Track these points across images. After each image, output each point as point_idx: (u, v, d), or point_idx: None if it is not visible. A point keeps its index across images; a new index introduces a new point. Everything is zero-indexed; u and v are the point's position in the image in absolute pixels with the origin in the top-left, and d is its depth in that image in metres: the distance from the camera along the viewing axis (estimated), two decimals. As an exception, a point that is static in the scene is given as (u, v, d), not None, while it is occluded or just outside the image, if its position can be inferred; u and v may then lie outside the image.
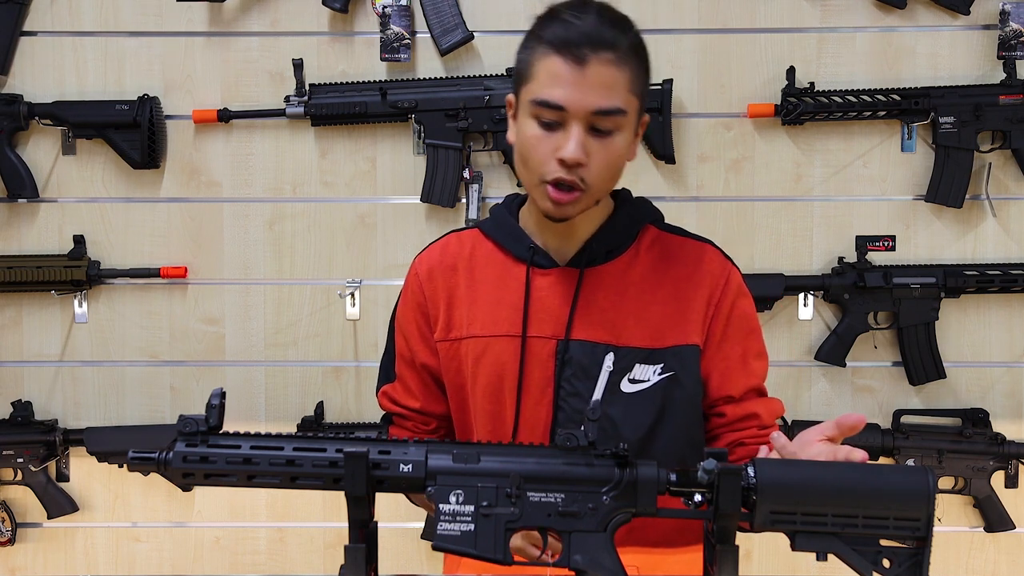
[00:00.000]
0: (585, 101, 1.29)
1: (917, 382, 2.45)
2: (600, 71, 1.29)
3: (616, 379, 1.39)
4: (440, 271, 1.48)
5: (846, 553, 1.08)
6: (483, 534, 1.09)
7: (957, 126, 2.39)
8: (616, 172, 1.37)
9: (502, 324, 1.42)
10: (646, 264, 1.44)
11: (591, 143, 1.31)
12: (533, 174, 1.35)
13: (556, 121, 1.31)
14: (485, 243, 1.48)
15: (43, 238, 2.52)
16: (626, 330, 1.40)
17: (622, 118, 1.32)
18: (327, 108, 2.42)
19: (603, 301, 1.41)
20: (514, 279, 1.43)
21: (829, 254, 2.48)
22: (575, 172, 1.31)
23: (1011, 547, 2.51)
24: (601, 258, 1.43)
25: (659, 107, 2.39)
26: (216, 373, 2.53)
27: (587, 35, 1.29)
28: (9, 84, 2.50)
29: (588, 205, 1.37)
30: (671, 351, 1.40)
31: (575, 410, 1.39)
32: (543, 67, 1.32)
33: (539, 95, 1.32)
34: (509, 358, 1.41)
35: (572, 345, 1.39)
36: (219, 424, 1.13)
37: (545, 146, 1.32)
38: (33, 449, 2.47)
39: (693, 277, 1.44)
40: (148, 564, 2.58)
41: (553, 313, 1.41)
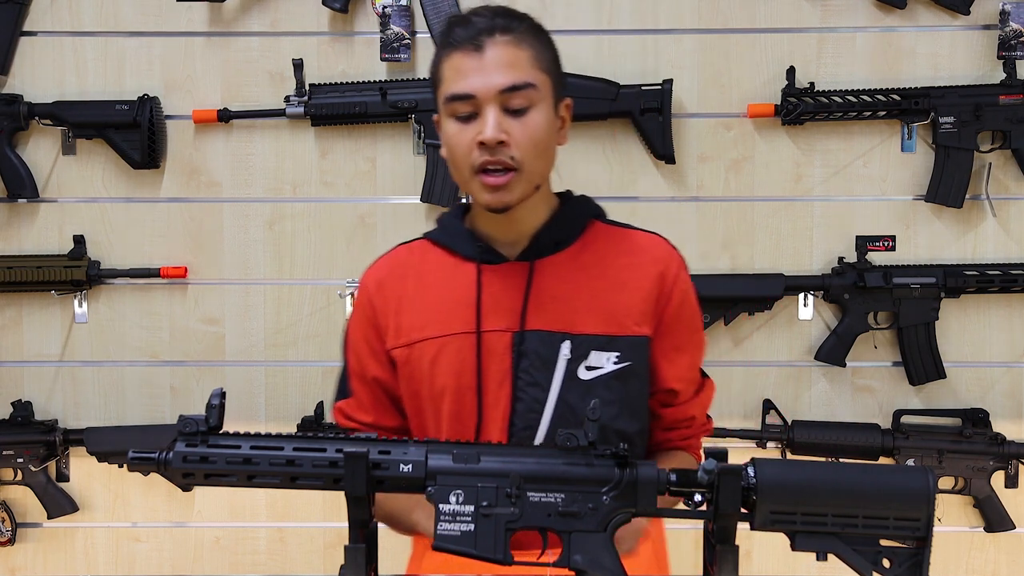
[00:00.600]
0: (490, 82, 1.33)
1: (917, 382, 2.45)
2: (499, 52, 1.34)
3: (573, 367, 1.40)
4: (389, 281, 1.49)
5: (846, 553, 1.08)
6: (483, 534, 1.09)
7: (957, 126, 2.39)
8: (544, 150, 1.39)
9: (456, 323, 1.42)
10: (595, 254, 1.46)
11: (508, 122, 1.34)
12: (463, 169, 1.38)
13: (471, 112, 1.35)
14: (434, 250, 1.49)
15: (43, 238, 2.52)
16: (580, 317, 1.41)
17: (533, 92, 1.35)
18: (327, 108, 2.42)
19: (555, 290, 1.42)
20: (465, 277, 1.44)
21: (829, 254, 2.48)
22: (500, 152, 1.34)
23: (1011, 547, 2.51)
24: (550, 250, 1.44)
25: (659, 107, 2.39)
26: (216, 373, 2.53)
27: (481, 26, 1.35)
28: (9, 84, 2.50)
29: (526, 190, 1.38)
30: (626, 341, 1.42)
31: (534, 400, 1.40)
32: (448, 67, 1.37)
33: (448, 91, 1.36)
34: (466, 355, 1.41)
35: (528, 336, 1.40)
36: (219, 424, 1.13)
37: (465, 137, 1.36)
38: (33, 449, 2.47)
39: (642, 266, 1.46)
40: (148, 564, 2.58)
41: (506, 306, 1.41)
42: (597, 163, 2.47)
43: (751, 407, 2.49)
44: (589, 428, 1.11)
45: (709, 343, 2.48)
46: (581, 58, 2.45)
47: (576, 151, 2.47)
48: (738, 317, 2.44)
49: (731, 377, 2.50)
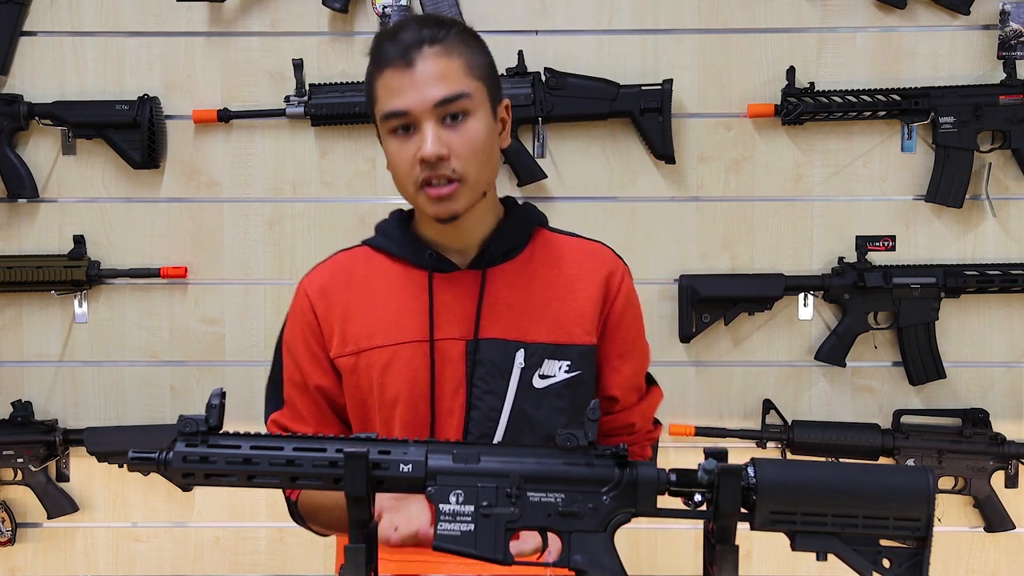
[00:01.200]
0: (423, 97, 1.33)
1: (917, 382, 2.45)
2: (428, 65, 1.34)
3: (528, 375, 1.41)
4: (332, 288, 1.47)
5: (846, 553, 1.08)
6: (483, 534, 1.09)
7: (957, 126, 2.39)
8: (486, 156, 1.38)
9: (408, 331, 1.41)
10: (543, 262, 1.46)
11: (447, 135, 1.34)
12: (406, 185, 1.38)
13: (407, 126, 1.35)
14: (377, 257, 1.48)
15: (43, 238, 2.52)
16: (532, 326, 1.42)
17: (467, 101, 1.35)
18: (327, 108, 2.42)
19: (508, 299, 1.42)
20: (415, 285, 1.43)
21: (829, 254, 2.48)
22: (441, 167, 1.34)
23: (1011, 547, 2.51)
24: (500, 259, 1.44)
25: (659, 107, 2.39)
26: (216, 373, 2.53)
27: (410, 41, 1.35)
28: (9, 84, 2.50)
29: (472, 197, 1.38)
30: (576, 350, 1.43)
31: (491, 408, 1.40)
32: (381, 85, 1.38)
33: (383, 110, 1.37)
34: (419, 364, 1.41)
35: (482, 344, 1.40)
36: (219, 424, 1.13)
37: (406, 154, 1.35)
38: (33, 449, 2.47)
39: (588, 275, 1.47)
40: (148, 564, 2.58)
41: (459, 315, 1.41)
42: (597, 163, 2.47)
43: (751, 407, 2.49)
44: (589, 428, 1.11)
45: (709, 343, 2.49)
46: (581, 58, 2.45)
47: (576, 151, 2.47)
48: (738, 317, 2.44)
49: (731, 377, 2.50)
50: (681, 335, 2.44)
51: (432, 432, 1.40)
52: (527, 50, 2.42)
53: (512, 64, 2.40)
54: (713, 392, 2.50)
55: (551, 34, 2.46)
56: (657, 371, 1.54)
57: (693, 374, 2.50)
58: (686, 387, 2.50)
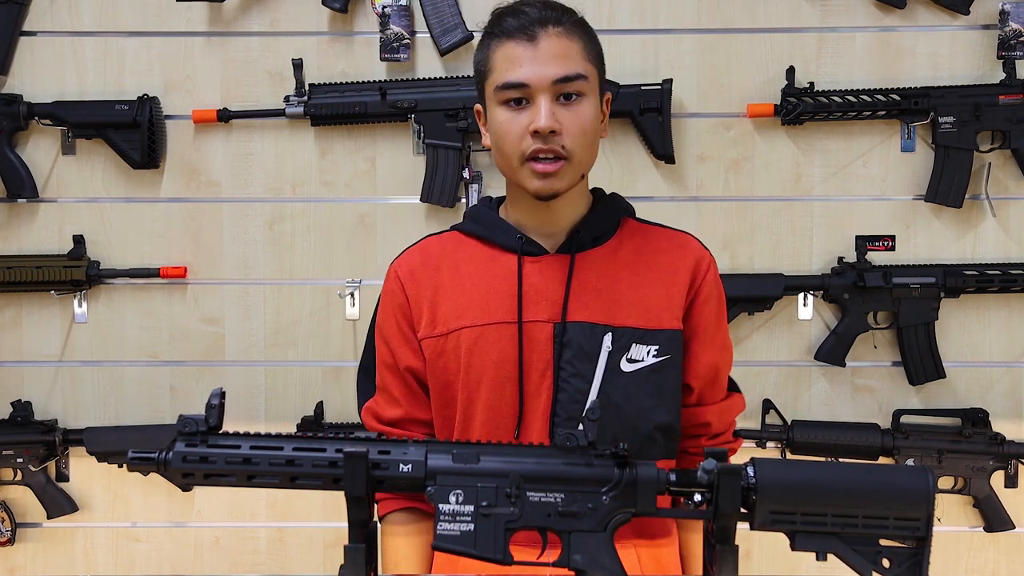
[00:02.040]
0: (544, 73, 1.35)
1: (917, 382, 2.45)
2: (552, 43, 1.36)
3: (615, 359, 1.41)
4: (422, 270, 1.48)
5: (846, 553, 1.08)
6: (483, 534, 1.09)
7: (957, 126, 2.39)
8: (591, 140, 1.41)
9: (496, 312, 1.42)
10: (632, 250, 1.48)
11: (560, 112, 1.36)
12: (512, 157, 1.38)
13: (523, 99, 1.37)
14: (467, 241, 1.49)
15: (43, 238, 2.52)
16: (621, 310, 1.42)
17: (584, 83, 1.38)
18: (327, 108, 2.42)
19: (596, 283, 1.43)
20: (504, 268, 1.44)
21: (829, 254, 2.48)
22: (552, 140, 1.36)
23: (1011, 547, 2.51)
24: (588, 244, 1.46)
25: (659, 107, 2.39)
26: (216, 373, 2.53)
27: (533, 17, 1.37)
28: (9, 84, 2.50)
29: (574, 179, 1.40)
30: (665, 334, 1.44)
31: (578, 391, 1.40)
32: (500, 56, 1.38)
33: (501, 80, 1.37)
34: (506, 344, 1.41)
35: (570, 327, 1.41)
36: (219, 424, 1.13)
37: (517, 126, 1.37)
38: (33, 449, 2.47)
39: (676, 263, 1.48)
40: (148, 564, 2.58)
41: (548, 297, 1.42)
42: (597, 163, 2.45)
43: (751, 407, 2.49)
44: (589, 428, 1.11)
45: (709, 343, 2.48)
46: (581, 58, 2.45)
47: (576, 151, 2.47)
48: (738, 317, 2.44)
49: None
50: (681, 335, 2.44)
51: (520, 414, 1.41)
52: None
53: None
54: (713, 392, 2.50)
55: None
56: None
57: (693, 374, 2.50)
58: (686, 387, 2.50)
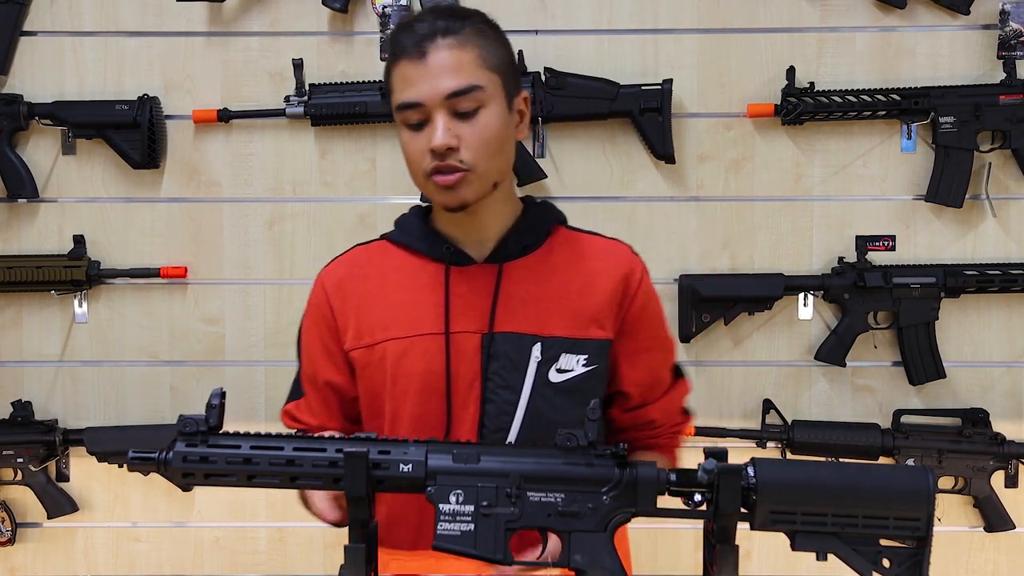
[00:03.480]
0: (435, 89, 1.33)
1: (917, 382, 2.45)
2: (441, 56, 1.34)
3: (544, 369, 1.41)
4: (349, 281, 1.48)
5: (846, 553, 1.08)
6: (483, 534, 1.09)
7: (957, 126, 2.39)
8: (495, 150, 1.38)
9: (423, 323, 1.42)
10: (561, 258, 1.46)
11: (458, 126, 1.34)
12: (417, 175, 1.38)
13: (422, 119, 1.35)
14: (395, 251, 1.48)
15: (43, 238, 2.52)
16: (550, 320, 1.42)
17: (480, 93, 1.35)
18: (327, 108, 2.42)
19: (524, 293, 1.42)
20: (431, 279, 1.44)
21: (829, 254, 2.48)
22: (450, 156, 1.34)
23: (1011, 547, 2.51)
24: (517, 253, 1.45)
25: (659, 107, 2.39)
26: (216, 373, 2.53)
27: (424, 32, 1.35)
28: (9, 84, 2.50)
29: (482, 187, 1.38)
30: (594, 344, 1.43)
31: (506, 402, 1.40)
32: (396, 76, 1.37)
33: (398, 101, 1.37)
34: (433, 356, 1.41)
35: (498, 338, 1.40)
36: (219, 424, 1.13)
37: (418, 145, 1.36)
38: (33, 449, 2.47)
39: (606, 270, 1.46)
40: (148, 564, 2.58)
41: (475, 308, 1.41)
42: (597, 163, 2.47)
43: (751, 407, 2.49)
44: (589, 428, 1.11)
45: (709, 343, 2.49)
46: (581, 58, 2.45)
47: (576, 151, 2.47)
48: (738, 317, 2.44)
49: (731, 377, 2.50)
50: (681, 335, 2.44)
51: (448, 426, 1.40)
52: (527, 50, 2.42)
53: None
54: (713, 392, 2.50)
55: (551, 34, 2.46)
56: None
57: (693, 374, 2.49)
58: (686, 387, 2.50)
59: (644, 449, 1.53)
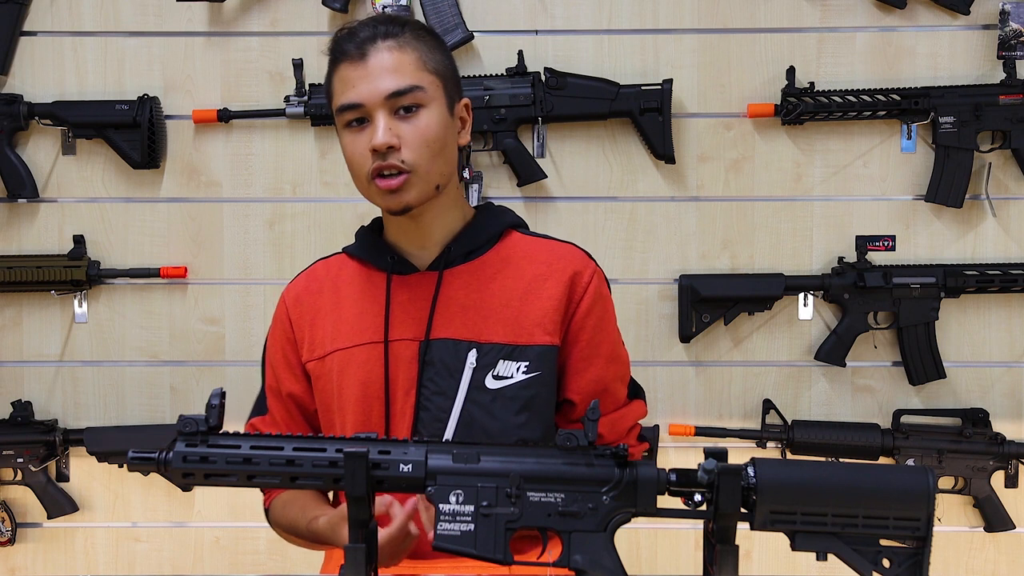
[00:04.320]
0: (375, 89, 1.35)
1: (917, 382, 2.45)
2: (382, 57, 1.36)
3: (480, 376, 1.40)
4: (305, 296, 1.51)
5: (846, 553, 1.08)
6: (483, 534, 1.09)
7: (957, 126, 2.39)
8: (437, 150, 1.38)
9: (365, 333, 1.43)
10: (506, 263, 1.45)
11: (399, 126, 1.36)
12: (360, 178, 1.39)
13: (361, 118, 1.37)
14: (350, 263, 1.50)
15: (43, 238, 2.52)
16: (488, 326, 1.41)
17: (420, 94, 1.36)
18: (327, 108, 2.41)
19: (463, 300, 1.42)
20: (376, 288, 1.45)
21: (829, 254, 2.48)
22: (391, 155, 1.35)
23: (1011, 547, 2.51)
24: (460, 260, 1.45)
25: (659, 107, 2.39)
26: (216, 373, 2.53)
27: (365, 36, 1.37)
28: (9, 84, 2.50)
29: (424, 190, 1.38)
30: (536, 350, 1.41)
31: (440, 408, 1.40)
32: (336, 79, 1.40)
33: (338, 103, 1.39)
34: (373, 365, 1.42)
35: (434, 345, 1.41)
36: (219, 424, 1.13)
37: (359, 146, 1.37)
38: (33, 449, 2.47)
39: (553, 275, 1.44)
40: (148, 564, 2.58)
41: (413, 315, 1.42)
42: (597, 163, 2.47)
43: (751, 407, 2.49)
44: (588, 428, 1.11)
45: (709, 343, 2.49)
46: (581, 58, 2.45)
47: (576, 151, 2.47)
48: (738, 317, 2.44)
49: (731, 377, 2.50)
50: (681, 335, 2.44)
51: (387, 433, 1.41)
52: (527, 50, 2.42)
53: (512, 64, 2.40)
54: (713, 392, 2.50)
55: (551, 34, 2.46)
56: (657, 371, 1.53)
57: (693, 374, 2.50)
58: (686, 387, 2.50)
59: None
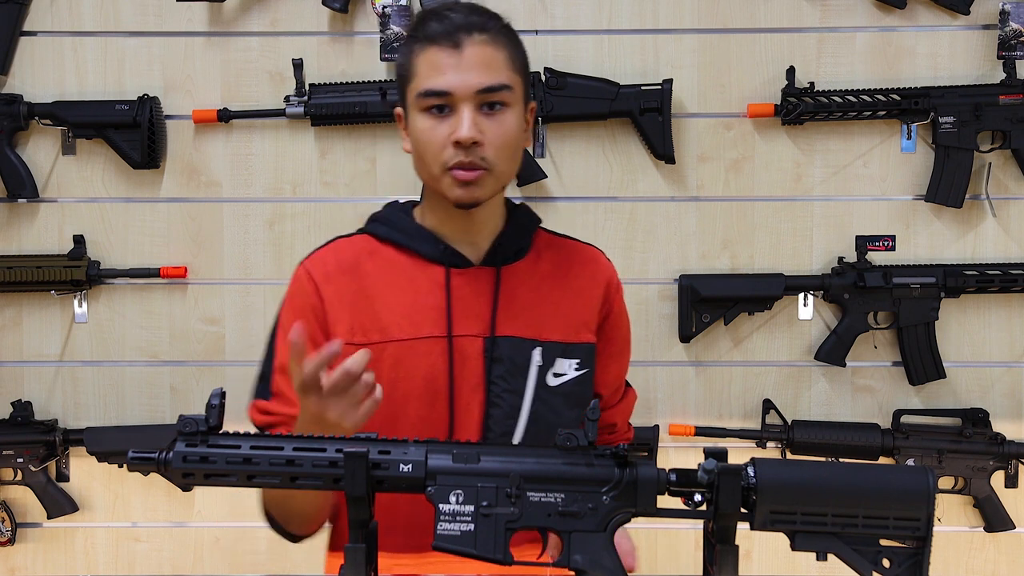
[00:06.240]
0: (468, 81, 1.33)
1: (917, 382, 2.45)
2: (477, 51, 1.34)
3: (543, 373, 1.43)
4: (339, 274, 1.45)
5: (846, 553, 1.08)
6: (483, 534, 1.09)
7: (957, 126, 2.39)
8: (513, 151, 1.38)
9: (424, 326, 1.41)
10: (551, 263, 1.48)
11: (483, 122, 1.34)
12: (433, 165, 1.36)
13: (445, 106, 1.34)
14: (383, 247, 1.47)
15: (43, 238, 2.52)
16: (546, 324, 1.44)
17: (508, 94, 1.36)
18: (327, 108, 2.42)
19: (523, 297, 1.43)
20: (429, 280, 1.43)
21: (829, 254, 2.48)
22: (473, 152, 1.33)
23: (1011, 547, 2.51)
24: (512, 257, 1.45)
25: (659, 107, 2.39)
26: (216, 373, 2.53)
27: (458, 23, 1.34)
28: (9, 84, 2.50)
29: (495, 188, 1.39)
30: (584, 348, 1.46)
31: (511, 406, 1.41)
32: (423, 61, 1.35)
33: (424, 87, 1.35)
34: (436, 359, 1.40)
35: (500, 342, 1.41)
36: (219, 424, 1.13)
37: (439, 134, 1.34)
38: (33, 449, 2.47)
39: (589, 277, 1.50)
40: (148, 564, 2.58)
41: (476, 311, 1.41)
42: (597, 163, 2.47)
43: (751, 407, 2.49)
44: (589, 428, 1.11)
45: (709, 343, 2.49)
46: (581, 58, 2.45)
47: (576, 151, 2.47)
48: (738, 317, 2.44)
49: (731, 377, 2.50)
50: (681, 335, 2.44)
51: (451, 430, 1.40)
52: (527, 50, 2.41)
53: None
54: (713, 392, 2.50)
55: (551, 34, 2.46)
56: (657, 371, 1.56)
57: (693, 374, 2.50)
58: (686, 387, 2.50)
59: None
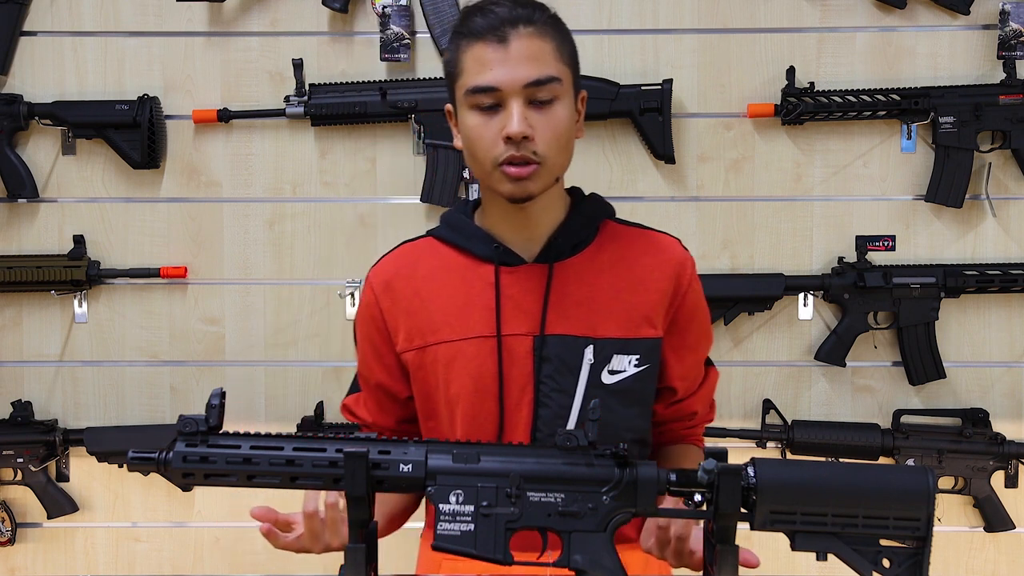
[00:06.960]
0: (516, 76, 1.32)
1: (917, 382, 2.45)
2: (523, 44, 1.32)
3: (596, 371, 1.39)
4: (397, 281, 1.46)
5: (846, 553, 1.08)
6: (483, 534, 1.09)
7: (957, 126, 2.39)
8: (565, 144, 1.37)
9: (474, 326, 1.40)
10: (611, 256, 1.45)
11: (533, 116, 1.33)
12: (485, 161, 1.35)
13: (494, 104, 1.33)
14: (443, 249, 1.46)
15: (43, 238, 2.52)
16: (601, 321, 1.40)
17: (557, 86, 1.34)
18: (327, 108, 2.42)
19: (575, 294, 1.41)
20: (480, 279, 1.42)
21: (829, 254, 2.48)
22: (524, 147, 1.32)
23: (1011, 547, 2.51)
24: (567, 252, 1.43)
25: (659, 107, 2.39)
26: (216, 373, 2.53)
27: (503, 17, 1.33)
28: (9, 84, 2.50)
29: (547, 182, 1.37)
30: (646, 343, 1.42)
31: (560, 406, 1.39)
32: (469, 57, 1.34)
33: (471, 83, 1.34)
34: (485, 359, 1.39)
35: (549, 340, 1.39)
36: (219, 424, 1.13)
37: (489, 130, 1.34)
38: (33, 449, 2.47)
39: (657, 266, 1.45)
40: (148, 564, 2.58)
41: (526, 310, 1.40)
42: (597, 163, 2.47)
43: (751, 407, 2.49)
44: (589, 428, 1.11)
45: (709, 343, 2.49)
46: (581, 58, 2.43)
47: (576, 151, 2.43)
48: (738, 317, 2.44)
49: (731, 377, 2.50)
50: (681, 335, 2.43)
51: (500, 430, 1.39)
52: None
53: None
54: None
55: (551, 34, 2.46)
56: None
57: (693, 374, 2.50)
58: (686, 387, 2.50)
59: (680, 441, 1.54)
